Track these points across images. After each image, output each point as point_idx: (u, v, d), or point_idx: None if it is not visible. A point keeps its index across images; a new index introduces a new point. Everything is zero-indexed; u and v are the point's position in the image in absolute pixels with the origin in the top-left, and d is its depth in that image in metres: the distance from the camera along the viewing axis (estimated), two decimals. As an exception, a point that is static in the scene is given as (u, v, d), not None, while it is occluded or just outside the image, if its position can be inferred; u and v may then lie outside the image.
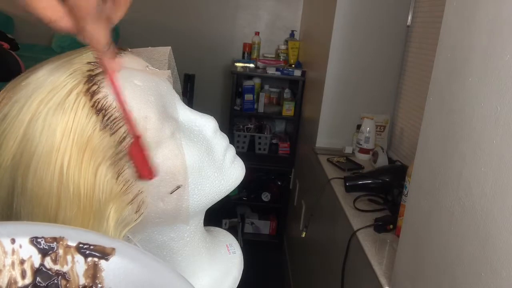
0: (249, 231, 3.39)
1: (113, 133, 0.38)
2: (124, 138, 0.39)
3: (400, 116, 2.13)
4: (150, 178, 0.40)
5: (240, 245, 0.58)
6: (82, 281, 0.30)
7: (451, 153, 0.85)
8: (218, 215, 3.21)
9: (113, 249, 0.30)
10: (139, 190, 0.40)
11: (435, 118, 0.93)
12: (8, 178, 0.37)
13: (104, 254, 0.30)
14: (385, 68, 2.15)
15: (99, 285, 0.30)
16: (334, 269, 1.62)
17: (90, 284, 0.30)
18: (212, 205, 0.49)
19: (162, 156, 0.41)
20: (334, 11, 2.12)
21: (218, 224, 2.44)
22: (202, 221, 0.51)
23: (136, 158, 0.38)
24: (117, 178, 0.39)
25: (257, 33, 3.25)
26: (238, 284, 0.53)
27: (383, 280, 1.18)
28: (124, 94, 0.39)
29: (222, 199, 0.49)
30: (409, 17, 2.06)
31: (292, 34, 3.22)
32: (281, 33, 3.34)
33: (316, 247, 2.12)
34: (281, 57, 3.18)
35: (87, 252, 0.30)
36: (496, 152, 0.70)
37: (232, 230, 3.13)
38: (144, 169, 0.39)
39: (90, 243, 0.30)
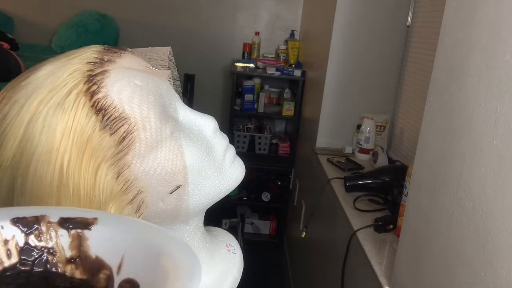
0: (249, 231, 3.39)
1: (113, 133, 0.38)
2: (124, 138, 0.39)
3: (400, 116, 2.13)
4: None
5: (240, 245, 0.58)
6: (69, 253, 0.31)
7: (451, 153, 0.85)
8: (218, 215, 3.20)
9: (95, 218, 0.31)
10: (138, 190, 0.40)
11: (435, 118, 0.93)
12: (8, 178, 0.37)
13: (87, 224, 0.30)
14: (385, 68, 2.15)
15: (85, 254, 0.30)
16: (334, 269, 1.62)
17: (77, 255, 0.31)
18: (212, 205, 0.49)
19: (162, 156, 0.41)
20: (334, 11, 2.12)
21: (218, 224, 2.44)
22: (202, 221, 0.51)
23: None
24: (117, 178, 0.39)
25: (257, 33, 3.25)
26: (238, 284, 0.53)
27: (383, 280, 1.18)
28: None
29: (222, 199, 0.49)
30: (409, 17, 2.06)
31: (292, 34, 3.22)
32: (281, 33, 3.34)
33: (316, 247, 2.12)
34: (281, 57, 3.18)
35: (70, 225, 0.31)
36: (496, 152, 0.70)
37: (232, 230, 3.13)
38: None
39: (72, 216, 0.31)
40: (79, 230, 0.30)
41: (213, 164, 0.46)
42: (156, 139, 0.40)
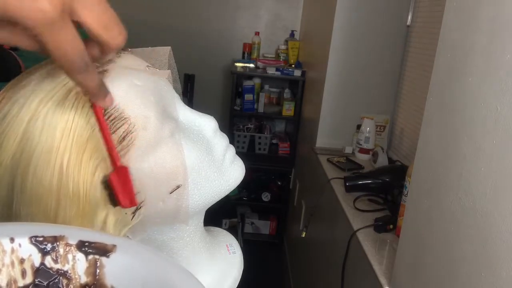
0: (249, 231, 3.39)
1: (113, 133, 0.38)
2: (124, 138, 0.39)
3: (400, 116, 2.13)
4: (130, 207, 0.39)
5: (240, 245, 0.58)
6: (84, 279, 0.30)
7: (451, 153, 0.85)
8: (218, 215, 3.20)
9: (114, 246, 0.30)
10: (138, 190, 0.40)
11: (435, 118, 0.93)
12: (8, 178, 0.37)
13: (105, 251, 0.30)
14: (385, 68, 2.15)
15: (100, 282, 0.30)
16: (334, 269, 1.62)
17: (92, 282, 0.30)
18: (212, 205, 0.49)
19: (161, 156, 0.41)
20: (334, 11, 2.12)
21: (218, 224, 2.44)
22: (202, 221, 0.51)
23: (117, 187, 0.37)
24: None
25: (257, 33, 3.25)
26: (238, 284, 0.53)
27: (383, 280, 1.18)
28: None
29: (222, 199, 0.49)
30: (409, 17, 2.06)
31: (292, 34, 3.22)
32: (281, 33, 3.34)
33: (316, 247, 2.12)
34: (281, 57, 3.18)
35: (88, 250, 0.30)
36: (496, 152, 0.70)
37: (232, 230, 3.13)
38: (125, 199, 0.38)
39: (91, 240, 0.30)
40: (96, 256, 0.30)
41: (213, 164, 0.46)
42: (156, 139, 0.40)
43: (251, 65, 3.04)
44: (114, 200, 0.39)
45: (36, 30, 0.27)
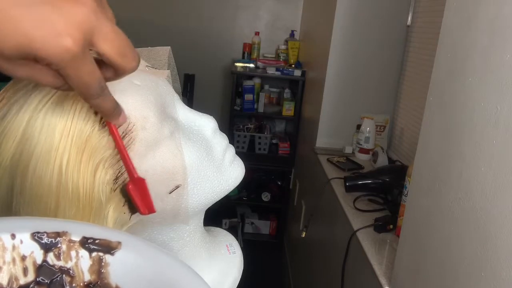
0: (249, 231, 3.39)
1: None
2: (123, 138, 0.38)
3: (400, 116, 2.13)
4: (148, 214, 0.40)
5: (240, 245, 0.58)
6: (87, 277, 0.29)
7: (451, 153, 0.85)
8: (218, 215, 3.20)
9: (119, 243, 0.29)
10: (138, 190, 0.40)
11: (435, 118, 0.93)
12: (7, 178, 0.37)
13: (110, 248, 0.29)
14: (385, 68, 2.15)
15: (105, 281, 0.29)
16: (334, 269, 1.62)
17: (96, 280, 0.29)
18: (212, 205, 0.49)
19: (161, 156, 0.41)
20: (334, 11, 2.12)
21: (218, 224, 2.44)
22: (202, 221, 0.51)
23: (136, 197, 0.39)
24: (116, 178, 0.39)
25: (257, 33, 3.25)
26: (238, 284, 0.53)
27: (383, 280, 1.18)
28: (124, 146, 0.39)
29: (222, 199, 0.49)
30: (409, 17, 2.06)
31: (292, 34, 3.22)
32: (281, 33, 3.34)
33: (316, 247, 2.12)
34: (281, 57, 3.18)
35: (92, 246, 0.29)
36: (496, 152, 0.70)
37: (232, 230, 3.12)
38: (144, 207, 0.40)
39: (95, 237, 0.29)
40: (101, 254, 0.29)
41: (213, 164, 0.46)
42: (155, 139, 0.40)
43: (251, 65, 3.04)
44: (133, 208, 0.40)
45: (59, 66, 0.28)
